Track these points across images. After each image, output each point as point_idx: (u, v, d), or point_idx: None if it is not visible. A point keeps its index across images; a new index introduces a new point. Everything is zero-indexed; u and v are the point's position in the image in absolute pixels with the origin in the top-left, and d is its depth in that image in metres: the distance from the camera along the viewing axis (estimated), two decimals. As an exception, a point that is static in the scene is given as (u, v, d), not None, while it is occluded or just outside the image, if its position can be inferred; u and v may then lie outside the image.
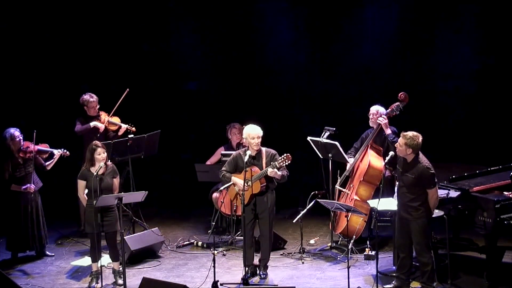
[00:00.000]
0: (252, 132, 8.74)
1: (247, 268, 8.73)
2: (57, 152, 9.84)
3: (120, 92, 12.25)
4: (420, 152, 8.05)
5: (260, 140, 8.75)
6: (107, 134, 10.54)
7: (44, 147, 9.85)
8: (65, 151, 9.92)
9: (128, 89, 10.50)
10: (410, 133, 8.01)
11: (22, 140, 9.59)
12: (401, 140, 8.03)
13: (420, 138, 8.01)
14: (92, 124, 10.40)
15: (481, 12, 11.53)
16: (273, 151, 8.87)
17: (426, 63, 11.98)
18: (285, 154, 8.61)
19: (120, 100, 10.53)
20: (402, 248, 8.24)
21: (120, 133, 10.64)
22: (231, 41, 12.63)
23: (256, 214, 8.84)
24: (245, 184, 8.56)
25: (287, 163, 8.64)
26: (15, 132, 9.57)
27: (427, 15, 11.81)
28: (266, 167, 8.68)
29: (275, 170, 8.60)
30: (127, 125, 10.63)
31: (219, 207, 9.95)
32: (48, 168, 9.87)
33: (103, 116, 10.61)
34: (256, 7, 12.44)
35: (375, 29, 11.98)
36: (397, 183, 8.29)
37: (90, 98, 10.55)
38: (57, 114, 11.87)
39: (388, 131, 9.64)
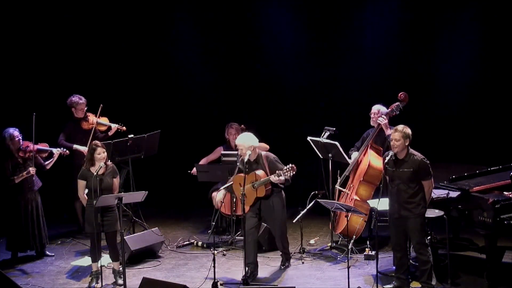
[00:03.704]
0: (238, 142, 8.82)
1: (247, 268, 8.72)
2: (56, 151, 9.84)
3: (119, 93, 12.29)
4: None
5: (244, 150, 8.70)
6: (95, 136, 10.50)
7: (43, 146, 9.85)
8: (64, 150, 9.92)
9: (102, 105, 10.50)
10: (400, 126, 8.08)
11: (21, 140, 9.60)
12: (396, 135, 8.01)
13: (409, 128, 8.07)
14: (75, 147, 10.38)
15: (482, 12, 11.53)
16: (272, 156, 8.91)
17: (426, 63, 11.98)
18: (290, 165, 8.65)
19: (98, 114, 10.54)
20: (399, 248, 8.24)
21: (110, 133, 10.62)
22: (231, 41, 12.62)
23: (260, 216, 8.91)
24: (252, 187, 8.72)
25: (291, 174, 8.66)
26: (14, 132, 9.58)
27: (427, 15, 11.81)
28: (269, 172, 8.74)
29: (281, 178, 8.66)
30: (117, 125, 10.61)
31: (219, 207, 9.97)
32: (48, 167, 9.87)
33: (91, 117, 10.59)
34: (256, 6, 12.43)
35: (376, 29, 11.98)
36: (389, 186, 8.24)
37: (79, 100, 10.54)
38: (55, 113, 11.86)
39: (388, 131, 9.63)
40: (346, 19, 12.16)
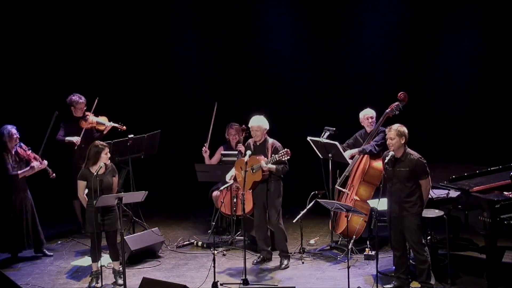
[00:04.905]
0: (252, 125, 9.22)
1: (259, 254, 9.33)
2: (36, 166, 9.59)
3: (119, 93, 12.28)
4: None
5: (259, 132, 9.17)
6: (92, 135, 10.51)
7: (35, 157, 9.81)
8: (51, 171, 9.81)
9: (97, 98, 10.52)
10: (395, 125, 8.10)
11: (18, 138, 9.62)
12: (391, 134, 8.03)
13: (404, 127, 8.07)
14: (67, 139, 10.40)
15: (482, 12, 11.53)
16: (277, 145, 9.18)
17: (427, 63, 11.98)
18: (284, 150, 8.94)
19: (93, 109, 10.57)
20: (397, 246, 8.24)
21: (105, 131, 10.61)
22: (231, 41, 12.62)
23: (263, 204, 9.19)
24: (250, 171, 9.03)
25: (286, 158, 8.92)
26: (12, 129, 9.58)
27: (428, 15, 11.81)
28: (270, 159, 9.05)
29: (269, 165, 8.97)
30: (116, 124, 10.60)
31: (219, 206, 9.98)
32: (20, 176, 9.58)
33: (90, 116, 10.59)
34: (256, 6, 12.43)
35: (376, 29, 11.98)
36: (387, 185, 8.23)
37: (79, 99, 10.57)
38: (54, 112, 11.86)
39: (368, 147, 9.70)
40: (346, 19, 12.17)
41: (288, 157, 8.91)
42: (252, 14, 12.48)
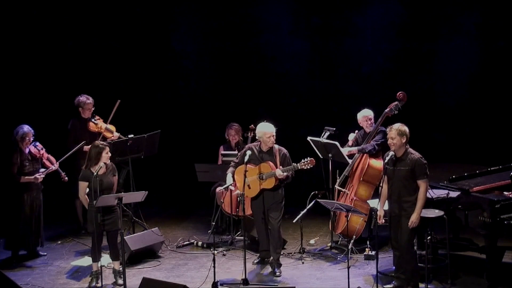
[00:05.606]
0: (267, 131, 9.03)
1: (259, 254, 9.25)
2: (55, 167, 9.76)
3: (119, 92, 12.27)
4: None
5: (274, 137, 9.03)
6: (95, 138, 10.50)
7: (51, 160, 9.83)
8: (64, 175, 9.88)
9: (119, 100, 10.46)
10: (396, 124, 8.09)
11: (31, 140, 9.61)
12: (392, 133, 8.03)
13: (406, 126, 8.06)
14: (86, 148, 10.29)
15: (483, 12, 11.54)
16: (284, 150, 9.10)
17: (426, 63, 11.99)
18: (309, 158, 8.86)
19: (113, 111, 10.48)
20: (398, 247, 8.23)
21: (108, 139, 10.58)
22: (231, 41, 12.63)
23: (264, 208, 9.02)
24: (258, 178, 8.90)
25: (309, 167, 8.84)
26: (29, 132, 9.56)
27: (428, 16, 11.82)
28: (280, 165, 8.92)
29: (285, 173, 8.84)
30: (123, 137, 10.57)
31: (220, 204, 9.98)
32: (21, 181, 9.61)
33: (100, 123, 10.56)
34: (257, 7, 12.44)
35: (376, 29, 11.99)
36: (385, 185, 8.23)
37: (86, 100, 10.53)
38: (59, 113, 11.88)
39: (368, 147, 9.70)
40: (347, 19, 12.18)
41: (312, 166, 8.85)
42: (252, 14, 12.49)
